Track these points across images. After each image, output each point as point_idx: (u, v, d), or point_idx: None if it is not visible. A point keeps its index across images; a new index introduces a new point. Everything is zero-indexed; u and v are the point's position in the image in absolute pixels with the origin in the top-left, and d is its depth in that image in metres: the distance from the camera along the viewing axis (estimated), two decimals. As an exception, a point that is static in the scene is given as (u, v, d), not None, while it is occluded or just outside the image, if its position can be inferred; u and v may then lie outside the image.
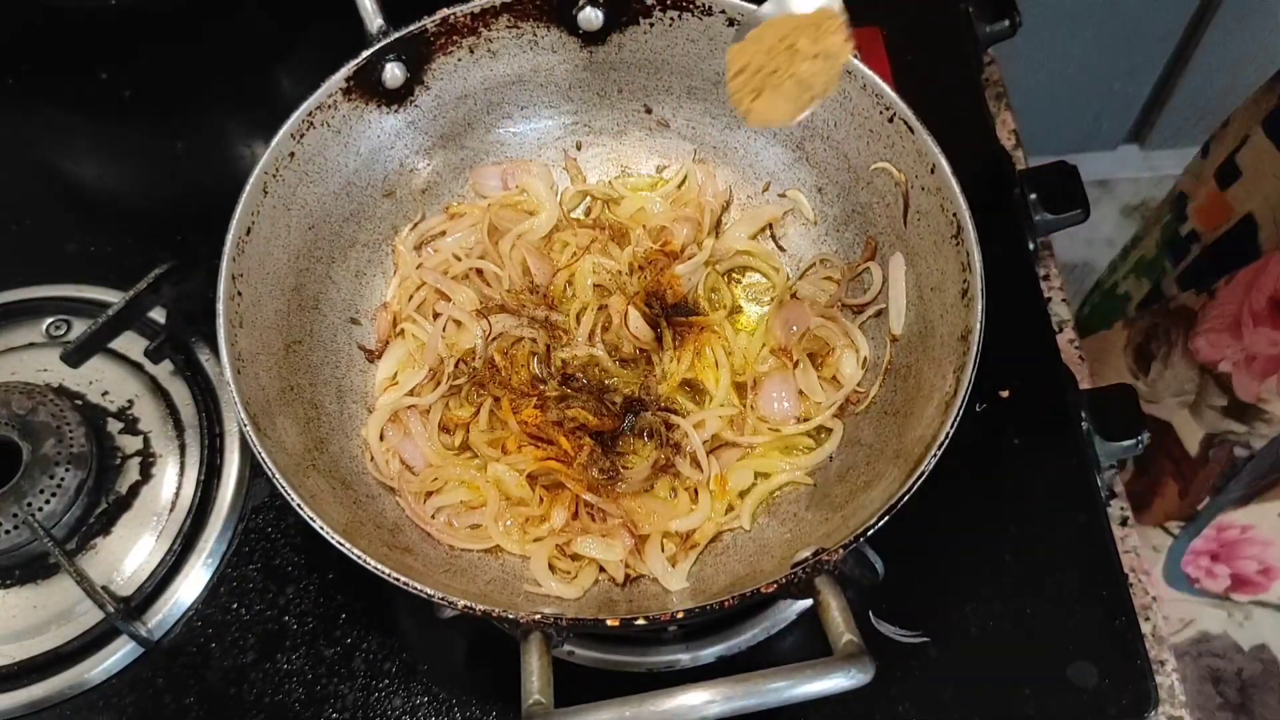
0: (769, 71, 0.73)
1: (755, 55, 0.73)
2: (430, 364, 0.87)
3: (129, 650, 0.85)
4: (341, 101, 0.84)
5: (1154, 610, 0.88)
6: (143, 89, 1.12)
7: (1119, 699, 0.81)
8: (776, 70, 0.72)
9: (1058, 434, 0.90)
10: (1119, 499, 0.92)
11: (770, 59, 0.73)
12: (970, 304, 0.73)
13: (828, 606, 0.63)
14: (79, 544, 0.88)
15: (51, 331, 0.97)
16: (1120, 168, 2.21)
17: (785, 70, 0.72)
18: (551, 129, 0.95)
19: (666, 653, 0.84)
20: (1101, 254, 2.12)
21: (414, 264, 0.91)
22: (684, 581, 0.79)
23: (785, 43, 0.73)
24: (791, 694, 0.59)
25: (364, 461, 0.84)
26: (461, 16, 0.85)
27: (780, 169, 0.92)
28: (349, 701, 0.83)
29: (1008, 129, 1.07)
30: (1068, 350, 0.96)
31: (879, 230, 0.86)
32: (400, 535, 0.80)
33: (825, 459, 0.83)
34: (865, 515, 0.67)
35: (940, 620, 0.84)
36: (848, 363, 0.86)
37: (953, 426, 0.68)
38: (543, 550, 0.80)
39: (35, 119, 1.13)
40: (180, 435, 0.92)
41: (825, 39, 0.72)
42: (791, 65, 0.72)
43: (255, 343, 0.79)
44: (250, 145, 1.10)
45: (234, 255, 0.77)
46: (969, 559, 0.87)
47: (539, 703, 0.61)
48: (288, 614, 0.87)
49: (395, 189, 0.92)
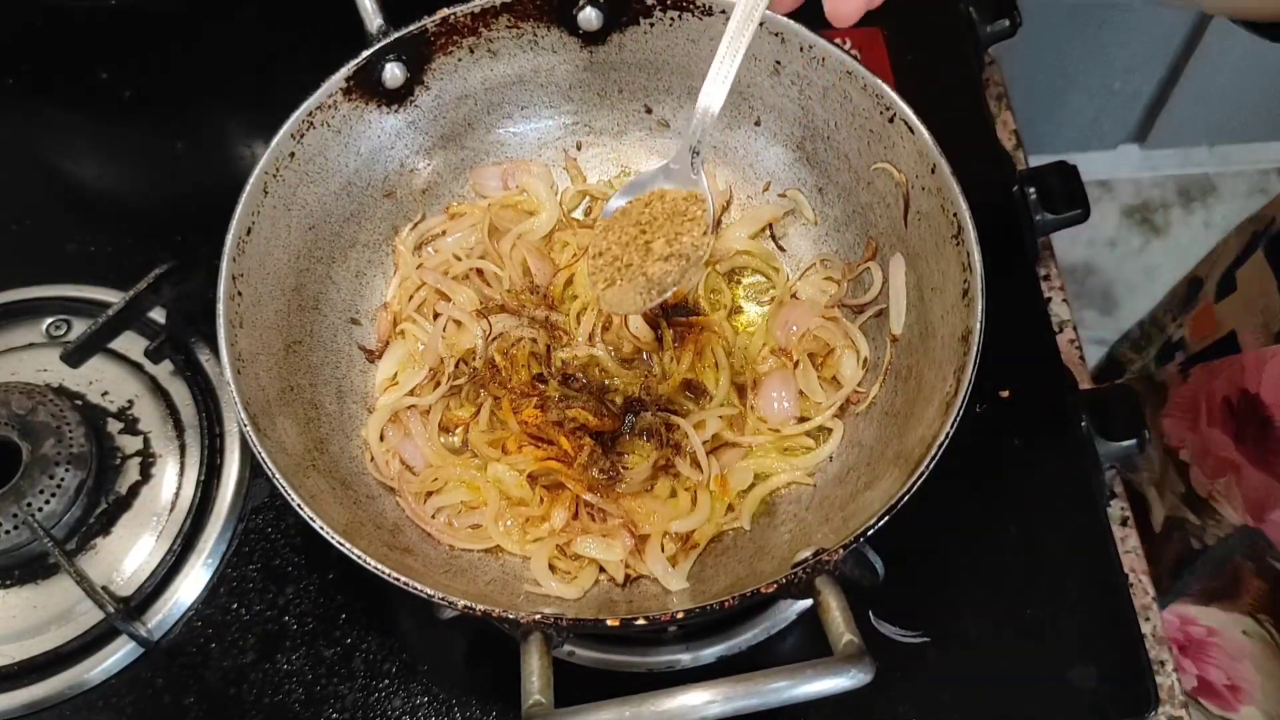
0: (624, 264, 0.74)
1: (612, 244, 0.75)
2: (430, 364, 0.87)
3: (129, 650, 0.85)
4: (341, 101, 0.84)
5: (1154, 610, 0.88)
6: (143, 89, 1.12)
7: (1119, 699, 0.81)
8: (631, 265, 0.74)
9: (1058, 434, 0.90)
10: (1119, 499, 0.92)
11: (624, 252, 0.74)
12: (970, 304, 0.73)
13: (828, 607, 0.63)
14: (79, 544, 0.88)
15: (51, 331, 0.97)
16: (1120, 168, 2.21)
17: (638, 267, 0.74)
18: (551, 129, 0.95)
19: (666, 653, 0.84)
20: (1101, 254, 2.12)
21: (414, 264, 0.91)
22: (684, 582, 0.79)
23: (642, 239, 0.74)
24: (792, 694, 0.59)
25: (364, 462, 0.84)
26: (461, 16, 0.85)
27: (780, 169, 0.92)
28: (349, 702, 0.83)
29: (1008, 129, 1.07)
30: (1068, 350, 0.96)
31: (879, 231, 0.86)
32: (400, 535, 0.80)
33: (825, 459, 0.83)
34: (865, 516, 0.67)
35: (940, 620, 0.84)
36: (848, 363, 0.86)
37: (953, 427, 0.68)
38: (543, 550, 0.80)
39: (35, 119, 1.13)
40: (180, 435, 0.92)
41: (682, 237, 0.73)
42: (644, 264, 0.74)
43: (255, 343, 0.79)
44: (250, 145, 1.10)
45: (234, 255, 0.77)
46: (969, 559, 0.87)
47: (539, 703, 0.61)
48: (288, 614, 0.87)
49: (395, 189, 0.92)
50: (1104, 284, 2.09)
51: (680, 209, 0.75)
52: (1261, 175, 2.17)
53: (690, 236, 0.74)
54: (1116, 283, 2.09)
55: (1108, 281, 2.09)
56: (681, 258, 0.74)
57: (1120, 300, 2.08)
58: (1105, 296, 2.08)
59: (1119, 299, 2.08)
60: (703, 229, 0.74)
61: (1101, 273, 2.10)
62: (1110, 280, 2.09)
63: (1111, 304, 2.07)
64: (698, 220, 0.74)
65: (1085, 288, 2.09)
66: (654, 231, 0.74)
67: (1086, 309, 2.07)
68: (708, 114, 0.71)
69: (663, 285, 0.74)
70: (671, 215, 0.75)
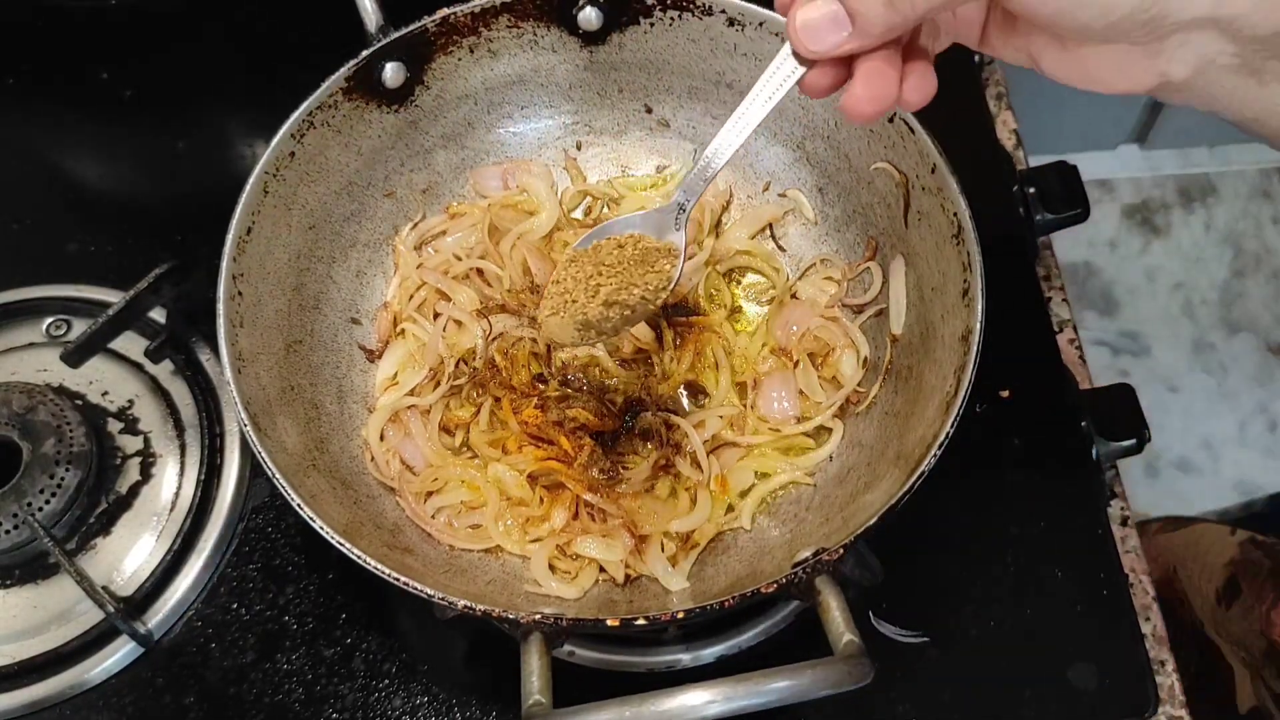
0: (570, 299, 0.74)
1: (569, 277, 0.75)
2: (431, 364, 0.87)
3: (129, 650, 0.85)
4: (342, 101, 0.84)
5: (1154, 611, 0.87)
6: (143, 89, 1.12)
7: (1119, 700, 0.81)
8: (575, 302, 0.74)
9: (1058, 434, 0.90)
10: (1119, 499, 0.92)
11: (575, 288, 0.75)
12: (971, 304, 0.73)
13: (828, 607, 0.63)
14: (79, 544, 0.88)
15: (52, 331, 0.97)
16: (1120, 168, 2.21)
17: (581, 305, 0.74)
18: (552, 129, 0.95)
19: (666, 653, 0.84)
20: (1101, 254, 2.12)
21: (414, 264, 0.91)
22: (684, 582, 0.79)
23: (594, 281, 0.74)
24: (792, 694, 0.59)
25: (364, 461, 0.84)
26: (462, 16, 0.85)
27: (780, 169, 0.92)
28: (349, 701, 0.83)
29: (1008, 129, 1.07)
30: (1068, 350, 0.96)
31: (879, 230, 0.86)
32: (400, 535, 0.80)
33: (825, 459, 0.83)
34: (865, 516, 0.67)
35: (940, 620, 0.84)
36: (848, 363, 0.86)
37: (953, 427, 0.68)
38: (543, 550, 0.80)
39: (36, 119, 1.13)
40: (180, 435, 0.92)
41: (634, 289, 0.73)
42: (586, 305, 0.74)
43: (256, 343, 0.79)
44: (250, 145, 1.10)
45: (234, 255, 0.77)
46: (969, 559, 0.87)
47: (539, 703, 0.61)
48: (288, 614, 0.87)
49: (396, 189, 0.92)
50: (1104, 284, 2.09)
51: (649, 259, 0.74)
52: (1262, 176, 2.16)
53: (643, 289, 0.74)
54: (1117, 283, 2.09)
55: (1108, 282, 2.09)
56: (625, 308, 0.74)
57: (1120, 301, 2.07)
58: (1105, 297, 2.08)
59: (1119, 300, 2.07)
60: (663, 283, 0.74)
61: (1102, 273, 2.10)
62: (1111, 281, 2.09)
63: (1112, 305, 2.07)
64: (661, 273, 0.74)
65: (1085, 288, 2.08)
66: (608, 277, 0.74)
67: (1086, 309, 2.06)
68: (706, 172, 0.68)
69: (600, 329, 0.75)
70: (638, 263, 0.74)
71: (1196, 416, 1.98)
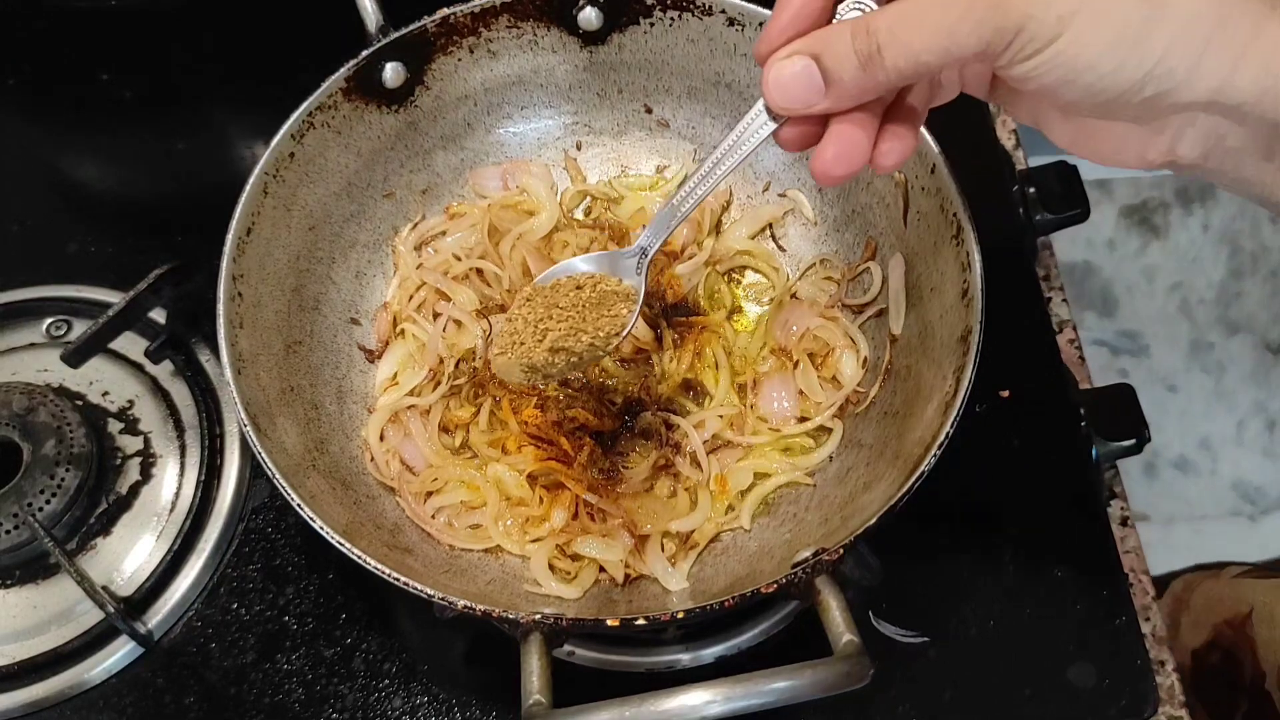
0: (519, 340, 0.74)
1: (521, 316, 0.75)
2: (430, 364, 0.87)
3: (129, 650, 0.85)
4: (342, 101, 0.84)
5: (1154, 610, 0.88)
6: (143, 89, 1.12)
7: (1119, 700, 0.81)
8: (523, 344, 0.74)
9: (1058, 434, 0.90)
10: (1119, 499, 0.92)
11: (525, 328, 0.74)
12: (970, 304, 0.73)
13: (828, 607, 0.63)
14: (79, 544, 0.88)
15: (52, 332, 0.97)
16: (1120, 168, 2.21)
17: (528, 348, 0.74)
18: (551, 129, 0.95)
19: (666, 653, 0.84)
20: (1101, 255, 2.12)
21: (414, 264, 0.91)
22: (684, 582, 0.79)
23: (543, 325, 0.74)
24: (792, 694, 0.59)
25: (364, 462, 0.84)
26: (461, 16, 0.85)
27: (780, 169, 0.92)
28: (349, 702, 0.83)
29: (1008, 129, 1.07)
30: (1068, 350, 0.96)
31: (879, 231, 0.87)
32: (400, 535, 0.80)
33: (825, 459, 0.83)
34: (865, 516, 0.67)
35: (940, 620, 0.84)
36: (848, 363, 0.86)
37: (952, 427, 0.68)
38: (543, 550, 0.80)
39: (36, 119, 1.13)
40: (180, 436, 0.92)
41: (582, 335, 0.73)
42: (533, 348, 0.73)
43: (255, 343, 0.79)
44: (250, 145, 1.10)
45: (234, 256, 0.77)
46: (969, 559, 0.87)
47: (539, 703, 0.61)
48: (288, 614, 0.87)
49: (395, 189, 0.92)
50: (1104, 284, 2.09)
51: (605, 303, 0.74)
52: (1261, 176, 2.17)
53: (592, 336, 0.73)
54: (1116, 283, 2.09)
55: (1107, 282, 2.09)
56: (572, 354, 0.73)
57: (1120, 301, 2.08)
58: (1105, 297, 2.08)
59: (1119, 299, 2.08)
60: (617, 329, 0.73)
61: (1101, 273, 2.10)
62: (1110, 281, 2.09)
63: (1111, 304, 2.07)
64: (616, 318, 0.73)
65: (1085, 288, 2.08)
66: (558, 321, 0.73)
67: (1086, 309, 2.06)
68: (672, 218, 0.69)
69: (545, 373, 0.74)
70: (593, 306, 0.73)
71: (1195, 416, 1.98)
